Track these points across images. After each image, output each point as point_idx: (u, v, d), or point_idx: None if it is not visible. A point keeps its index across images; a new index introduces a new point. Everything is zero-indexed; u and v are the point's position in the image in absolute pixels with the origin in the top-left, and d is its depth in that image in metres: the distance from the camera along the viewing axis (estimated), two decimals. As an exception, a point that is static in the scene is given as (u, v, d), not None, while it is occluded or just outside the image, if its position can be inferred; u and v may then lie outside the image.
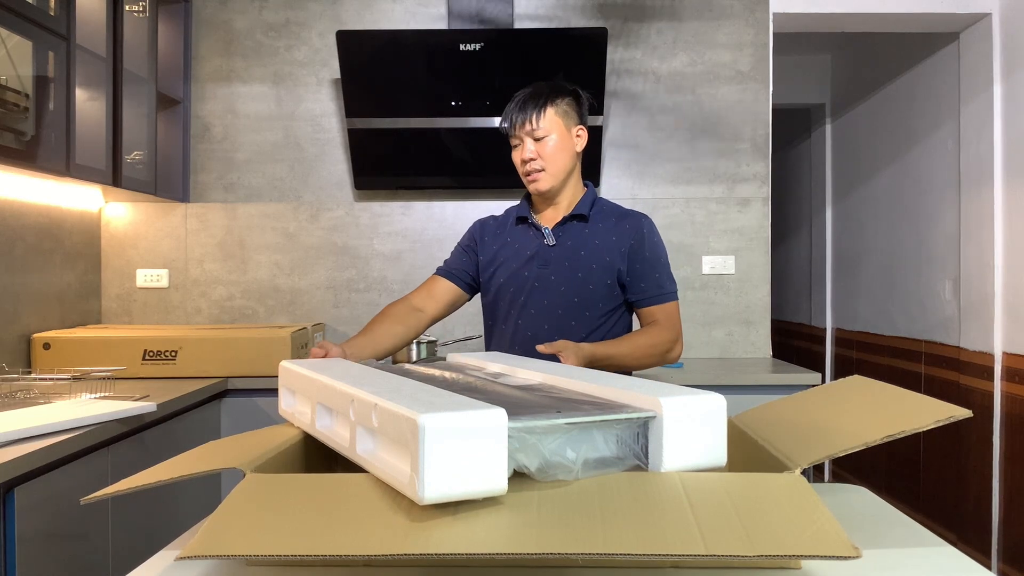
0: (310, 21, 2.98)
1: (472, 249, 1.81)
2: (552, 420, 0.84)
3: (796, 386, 2.49)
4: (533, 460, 0.84)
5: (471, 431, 0.76)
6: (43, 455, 1.47)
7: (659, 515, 0.78)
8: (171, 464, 1.02)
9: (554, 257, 1.70)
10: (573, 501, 0.81)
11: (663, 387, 0.98)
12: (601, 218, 1.73)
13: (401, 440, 0.78)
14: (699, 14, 3.00)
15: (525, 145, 1.67)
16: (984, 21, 2.92)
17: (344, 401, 0.95)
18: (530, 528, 0.75)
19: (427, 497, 0.73)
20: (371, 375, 1.07)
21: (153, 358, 2.41)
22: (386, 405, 0.83)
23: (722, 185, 3.01)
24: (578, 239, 1.71)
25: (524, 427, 0.82)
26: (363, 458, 0.89)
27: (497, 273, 1.75)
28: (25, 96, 2.08)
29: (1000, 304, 2.86)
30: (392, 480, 0.81)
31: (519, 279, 1.71)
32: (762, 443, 1.02)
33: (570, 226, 1.72)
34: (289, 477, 0.91)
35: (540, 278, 1.70)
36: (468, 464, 0.75)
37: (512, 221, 1.79)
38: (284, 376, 1.23)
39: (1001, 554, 2.85)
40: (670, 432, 0.89)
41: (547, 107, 1.65)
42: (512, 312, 1.73)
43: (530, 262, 1.71)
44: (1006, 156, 2.84)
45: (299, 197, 3.00)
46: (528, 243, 1.74)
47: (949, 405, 0.93)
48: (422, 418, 0.74)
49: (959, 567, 0.89)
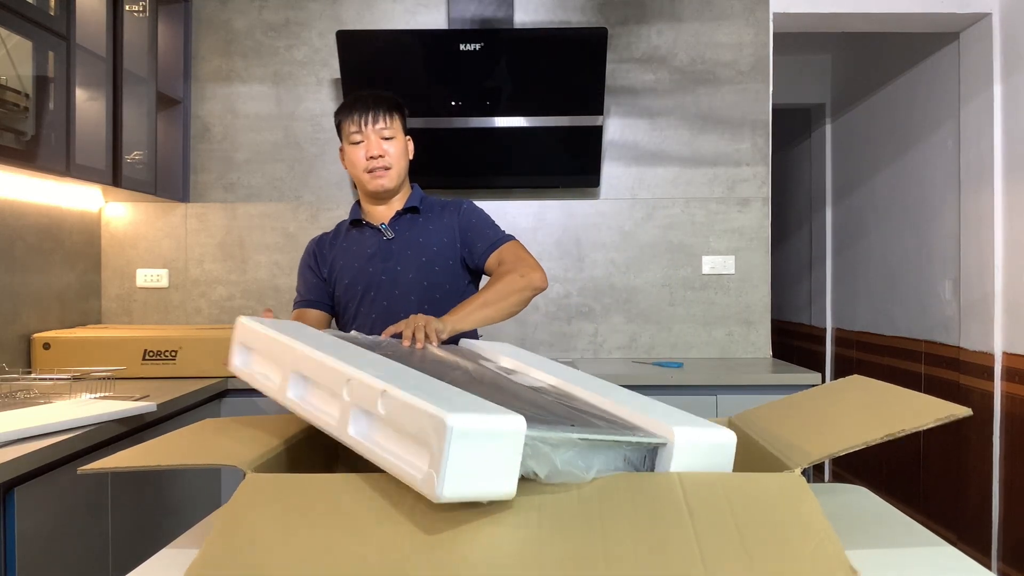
0: (310, 21, 2.98)
1: (314, 269, 1.84)
2: (566, 433, 0.85)
3: (796, 386, 2.49)
4: (543, 467, 0.85)
5: (492, 435, 0.76)
6: (43, 455, 1.47)
7: (662, 533, 0.78)
8: (170, 445, 1.02)
9: (395, 249, 1.76)
10: (575, 511, 0.81)
11: (677, 415, 0.99)
12: (429, 208, 1.83)
13: (418, 435, 0.78)
14: (699, 14, 3.00)
15: (372, 141, 1.72)
16: (984, 21, 2.92)
17: (335, 378, 0.93)
18: (532, 545, 0.76)
19: (444, 496, 0.74)
20: (357, 351, 1.05)
21: (153, 358, 2.41)
22: (401, 396, 0.82)
23: (722, 185, 3.01)
24: (414, 229, 1.79)
25: (540, 437, 0.83)
26: (357, 440, 0.87)
27: (341, 276, 1.79)
28: (25, 96, 2.08)
29: (1000, 304, 2.86)
30: (398, 472, 0.80)
31: (364, 276, 1.76)
32: (763, 443, 1.02)
33: (405, 219, 1.80)
34: (288, 481, 0.89)
35: (386, 271, 1.75)
36: (484, 466, 0.76)
37: (345, 229, 1.84)
38: (242, 333, 1.17)
39: (1001, 554, 2.85)
40: (678, 461, 0.91)
41: (395, 112, 1.75)
42: (363, 309, 1.75)
43: (372, 259, 1.76)
44: (1006, 156, 2.84)
45: (299, 197, 3.00)
46: (366, 243, 1.79)
47: (949, 404, 0.93)
48: (450, 418, 0.74)
49: (959, 567, 0.89)
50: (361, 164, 1.74)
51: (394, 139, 1.75)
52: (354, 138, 1.73)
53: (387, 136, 1.73)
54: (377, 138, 1.73)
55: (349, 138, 1.74)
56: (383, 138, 1.73)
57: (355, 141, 1.74)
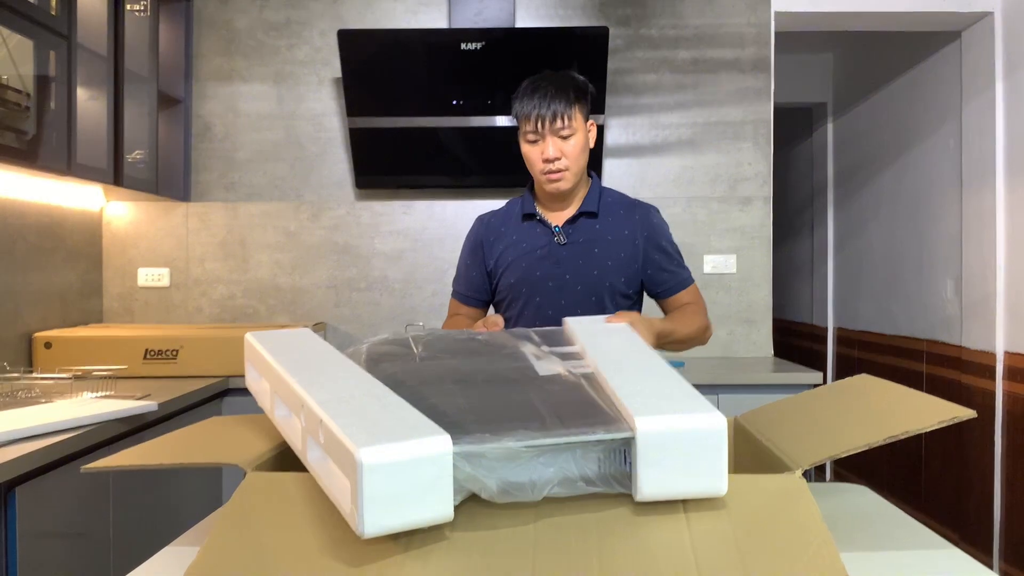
0: (311, 20, 2.98)
1: (477, 257, 1.73)
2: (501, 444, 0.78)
3: (798, 385, 2.49)
4: (492, 482, 0.79)
5: (411, 462, 0.72)
6: (44, 454, 1.47)
7: (656, 537, 0.76)
8: (172, 444, 1.02)
9: (567, 256, 1.64)
10: (571, 521, 0.78)
11: (656, 402, 0.85)
12: (609, 212, 1.68)
13: (344, 467, 0.75)
14: (701, 13, 2.99)
15: (548, 142, 1.57)
16: (986, 20, 2.92)
17: (296, 403, 0.90)
18: (529, 544, 0.74)
19: (367, 532, 0.71)
20: (332, 367, 0.99)
21: (154, 357, 2.41)
22: (330, 425, 0.78)
23: (723, 184, 3.01)
24: (590, 236, 1.65)
25: (470, 451, 0.77)
26: (313, 467, 0.85)
27: (507, 273, 1.68)
28: (26, 95, 2.08)
29: (1002, 303, 2.86)
30: (338, 504, 0.78)
31: (532, 280, 1.65)
32: (765, 443, 1.02)
33: (581, 223, 1.66)
34: (289, 480, 0.89)
35: (554, 278, 1.64)
36: (411, 493, 0.72)
37: (516, 217, 1.71)
38: (248, 351, 1.17)
39: (1003, 554, 2.85)
40: (645, 458, 0.80)
41: (574, 105, 1.57)
42: (527, 313, 1.67)
43: (542, 261, 1.65)
44: (1008, 155, 2.84)
45: (300, 196, 3.00)
46: (537, 241, 1.66)
47: (953, 405, 0.92)
48: (360, 453, 0.71)
49: (961, 567, 0.89)
50: (537, 165, 1.60)
51: (573, 135, 1.57)
52: (529, 137, 1.59)
53: (565, 135, 1.57)
54: (554, 138, 1.56)
55: (524, 136, 1.60)
56: (561, 137, 1.57)
57: (530, 140, 1.59)
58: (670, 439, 0.80)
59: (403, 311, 3.00)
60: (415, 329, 1.22)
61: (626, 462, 0.82)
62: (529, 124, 1.57)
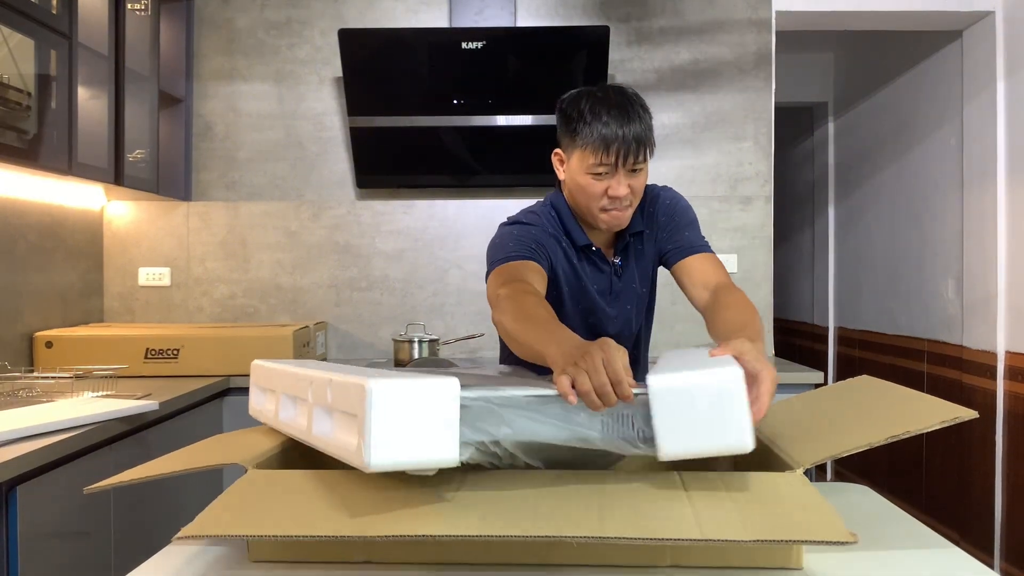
0: (312, 19, 2.98)
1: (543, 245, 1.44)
2: (507, 391, 0.81)
3: (798, 385, 2.49)
4: (500, 430, 0.81)
5: (419, 398, 0.74)
6: (45, 453, 1.47)
7: (660, 504, 0.79)
8: (173, 458, 1.02)
9: (620, 290, 1.52)
10: (570, 494, 0.82)
11: (679, 367, 0.86)
12: (645, 223, 1.51)
13: (351, 411, 0.77)
14: (702, 12, 2.99)
15: (620, 178, 1.34)
16: (987, 19, 2.92)
17: (304, 385, 0.94)
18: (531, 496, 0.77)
19: (373, 463, 0.72)
20: (343, 367, 1.03)
21: (155, 357, 2.41)
22: (339, 379, 0.82)
23: (724, 183, 3.01)
24: (633, 261, 1.52)
25: (479, 396, 0.80)
26: (318, 438, 0.88)
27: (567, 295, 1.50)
28: (27, 94, 2.08)
29: (1003, 303, 2.86)
30: (341, 454, 0.80)
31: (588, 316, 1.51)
32: (767, 442, 1.02)
33: (630, 248, 1.51)
34: (288, 473, 0.91)
35: (620, 315, 1.53)
36: (417, 432, 0.73)
37: (565, 240, 1.48)
38: (256, 373, 1.19)
39: (1004, 553, 2.85)
40: (661, 414, 0.82)
41: (650, 134, 1.35)
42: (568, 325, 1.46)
43: (603, 295, 1.51)
44: (1009, 154, 2.83)
45: (301, 196, 3.00)
46: (595, 278, 1.50)
47: (955, 406, 0.92)
48: (370, 383, 0.73)
49: (962, 566, 0.89)
50: (597, 200, 1.37)
51: (642, 170, 1.37)
52: (595, 170, 1.34)
53: (636, 169, 1.35)
54: (627, 173, 1.34)
55: (587, 168, 1.35)
56: (633, 171, 1.35)
57: (596, 173, 1.35)
58: (683, 395, 0.82)
59: (404, 311, 3.00)
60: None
61: (633, 427, 0.85)
62: (602, 156, 1.32)
